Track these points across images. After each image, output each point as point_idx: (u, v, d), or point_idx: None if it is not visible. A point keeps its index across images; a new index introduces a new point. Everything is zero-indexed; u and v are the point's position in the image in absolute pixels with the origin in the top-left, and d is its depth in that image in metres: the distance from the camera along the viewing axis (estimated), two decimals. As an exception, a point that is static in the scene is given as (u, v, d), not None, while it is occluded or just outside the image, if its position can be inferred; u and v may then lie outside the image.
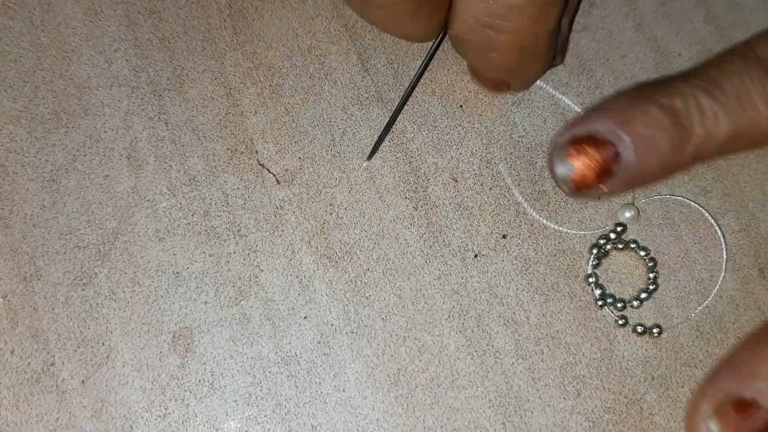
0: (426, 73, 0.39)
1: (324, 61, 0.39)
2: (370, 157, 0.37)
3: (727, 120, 0.32)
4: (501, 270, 0.37)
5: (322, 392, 0.34)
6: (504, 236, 0.37)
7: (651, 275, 0.36)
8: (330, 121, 0.38)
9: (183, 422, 0.34)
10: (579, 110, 0.38)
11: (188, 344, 0.35)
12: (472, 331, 0.36)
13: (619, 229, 0.37)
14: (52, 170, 0.36)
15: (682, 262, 0.37)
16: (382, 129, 0.37)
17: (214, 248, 0.36)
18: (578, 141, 0.32)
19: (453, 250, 0.37)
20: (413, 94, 0.38)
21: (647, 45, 0.40)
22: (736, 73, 0.32)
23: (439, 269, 0.36)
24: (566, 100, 0.39)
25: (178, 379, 0.34)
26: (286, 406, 0.34)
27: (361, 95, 0.38)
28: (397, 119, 0.38)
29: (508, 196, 0.38)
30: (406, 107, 0.38)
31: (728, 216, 0.38)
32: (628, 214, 0.37)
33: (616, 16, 0.40)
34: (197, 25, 0.39)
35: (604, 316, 0.36)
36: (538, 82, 0.39)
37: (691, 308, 0.36)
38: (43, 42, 0.38)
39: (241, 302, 0.35)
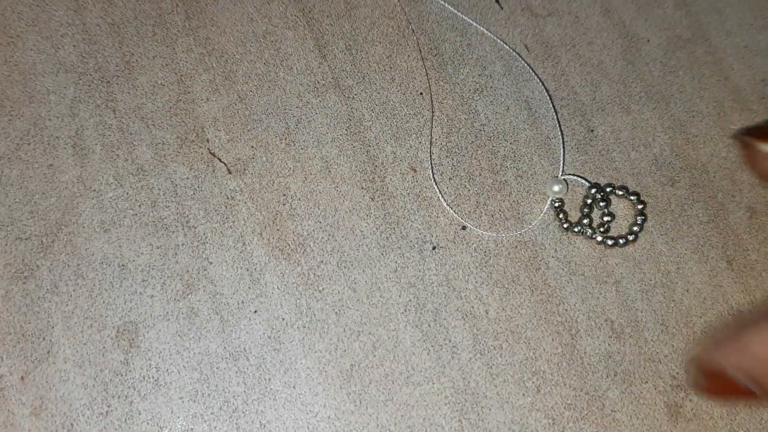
0: (385, 59, 0.37)
1: (279, 47, 0.38)
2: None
3: None
4: (460, 262, 0.35)
5: (271, 389, 0.33)
6: (463, 228, 0.36)
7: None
8: (285, 109, 0.37)
9: (126, 420, 0.33)
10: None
11: (133, 339, 0.33)
12: (429, 326, 0.34)
13: (557, 204, 0.36)
14: (-6, 159, 0.35)
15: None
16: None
17: (161, 240, 0.35)
18: (712, 379, 0.30)
19: (410, 241, 0.35)
20: (372, 80, 0.37)
21: (615, 31, 0.39)
22: None
23: (396, 261, 0.35)
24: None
25: (122, 376, 0.33)
26: (234, 404, 0.33)
27: (318, 82, 0.37)
28: (354, 107, 0.37)
29: (468, 186, 0.36)
30: (363, 94, 0.37)
31: (696, 207, 0.37)
32: (556, 188, 0.36)
33: (583, 0, 0.38)
34: (148, 10, 0.38)
35: (566, 310, 0.34)
36: (499, 68, 0.37)
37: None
38: (-13, 27, 0.37)
39: (189, 296, 0.34)
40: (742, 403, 0.33)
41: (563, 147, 0.37)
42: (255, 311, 0.34)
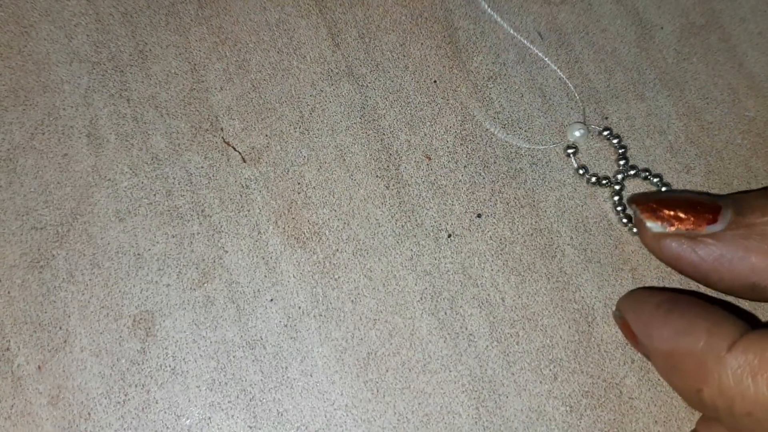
0: (398, 47, 0.37)
1: (293, 36, 0.37)
2: None
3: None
4: (475, 250, 0.35)
5: (288, 377, 0.33)
6: (479, 215, 0.35)
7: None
8: (299, 98, 0.37)
9: (143, 409, 0.32)
10: (562, 76, 0.36)
11: (149, 328, 0.33)
12: (445, 314, 0.34)
13: (570, 151, 0.36)
14: (8, 149, 0.35)
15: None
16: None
17: (176, 229, 0.34)
18: (623, 320, 0.32)
19: (426, 230, 0.35)
20: (386, 69, 0.37)
21: (628, 18, 0.38)
22: None
23: (411, 250, 0.35)
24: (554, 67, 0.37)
25: (139, 365, 0.33)
26: (251, 392, 0.33)
27: (331, 70, 0.37)
28: (368, 95, 0.36)
29: (483, 174, 0.36)
30: (377, 82, 0.36)
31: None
32: (577, 133, 0.36)
33: None
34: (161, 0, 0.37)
35: (582, 297, 0.34)
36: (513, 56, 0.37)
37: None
38: (0, 17, 0.36)
39: (205, 284, 0.34)
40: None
41: (583, 108, 0.36)
42: (271, 300, 0.34)
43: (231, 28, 0.37)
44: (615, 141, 0.36)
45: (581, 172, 0.35)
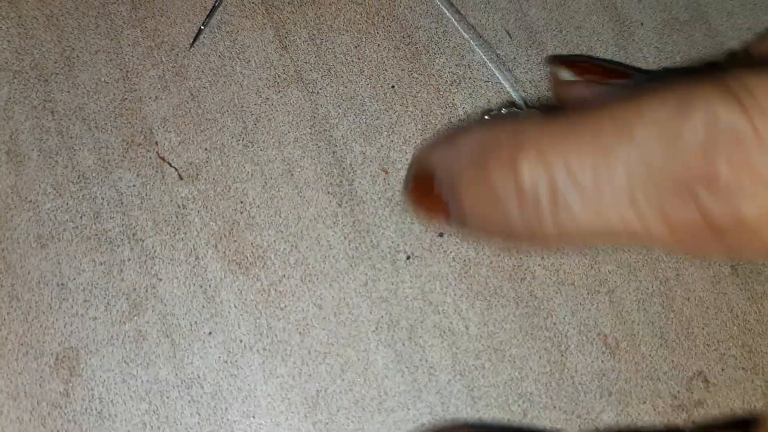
0: (353, 49, 0.34)
1: (236, 38, 0.35)
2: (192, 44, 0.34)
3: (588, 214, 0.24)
4: (437, 273, 0.33)
5: (228, 419, 0.31)
6: (440, 234, 0.33)
7: None
8: (242, 107, 0.34)
9: (66, 458, 0.29)
10: (516, 96, 0.34)
11: (73, 367, 0.31)
12: (403, 345, 0.32)
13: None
14: None
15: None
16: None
17: (105, 255, 0.32)
18: (417, 182, 0.29)
19: (382, 251, 0.33)
20: (338, 73, 0.34)
21: (605, 13, 0.36)
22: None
23: (366, 274, 0.33)
24: (505, 82, 0.34)
25: (61, 408, 0.30)
26: (186, 437, 0.30)
27: (278, 76, 0.34)
28: (319, 103, 0.34)
29: None
30: (329, 88, 0.34)
31: None
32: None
33: None
34: (90, 0, 0.34)
35: (554, 323, 0.32)
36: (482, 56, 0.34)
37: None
38: None
39: (136, 317, 0.31)
40: (435, 222, 0.31)
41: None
42: (210, 333, 0.32)
43: (167, 31, 0.35)
44: None
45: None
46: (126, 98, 0.34)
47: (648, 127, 0.23)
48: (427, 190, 0.28)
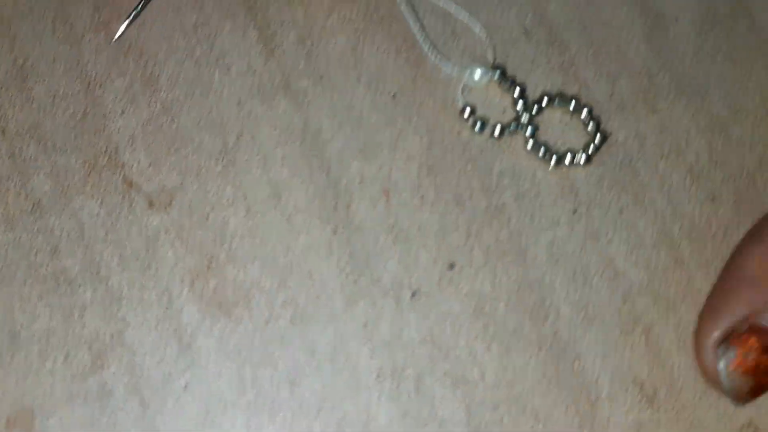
0: (348, 53, 0.32)
1: (214, 42, 0.32)
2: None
3: None
4: (447, 312, 0.30)
5: (207, 489, 0.28)
6: (451, 266, 0.31)
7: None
8: (222, 121, 0.31)
9: None
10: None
11: (28, 430, 0.29)
12: (409, 397, 0.29)
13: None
14: None
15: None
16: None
17: (64, 298, 0.30)
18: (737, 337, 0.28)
19: (384, 287, 0.30)
20: (332, 81, 0.32)
21: (635, 7, 0.33)
22: None
23: (366, 314, 0.30)
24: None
25: (13, 480, 0.28)
26: None
27: (264, 84, 0.32)
28: (310, 115, 0.32)
29: (456, 212, 0.31)
30: (321, 99, 0.32)
31: (743, 229, 0.31)
32: (478, 73, 0.31)
33: None
34: (47, 1, 0.32)
35: (583, 369, 0.30)
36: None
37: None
38: None
39: (100, 370, 0.29)
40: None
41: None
42: (185, 387, 0.29)
43: (136, 35, 0.32)
44: (508, 82, 0.31)
45: (478, 126, 0.31)
46: (88, 113, 0.31)
47: None
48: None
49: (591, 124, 0.31)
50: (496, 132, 0.31)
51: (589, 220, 0.31)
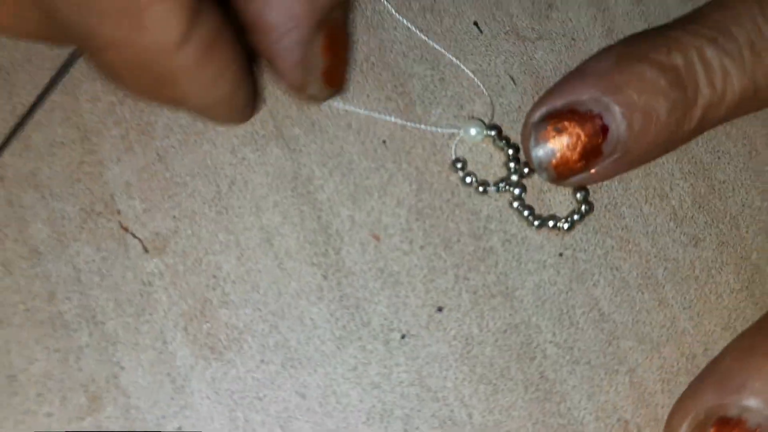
0: (339, 99, 0.31)
1: None
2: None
3: (740, 75, 0.28)
4: (435, 354, 0.30)
5: None
6: (439, 309, 0.30)
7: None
8: (215, 168, 0.31)
9: None
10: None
11: None
12: None
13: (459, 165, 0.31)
14: None
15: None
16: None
17: (60, 342, 0.29)
18: (556, 116, 0.28)
19: (374, 330, 0.30)
20: (323, 127, 0.31)
21: None
22: (748, 14, 0.28)
23: (356, 357, 0.30)
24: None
25: None
26: None
27: (256, 132, 0.31)
28: (301, 162, 0.31)
29: (444, 256, 0.31)
30: (312, 145, 0.31)
31: (726, 271, 0.31)
32: (473, 131, 0.31)
33: (581, 19, 0.33)
34: (44, 50, 0.31)
35: (569, 409, 0.29)
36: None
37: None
38: None
39: (95, 412, 0.28)
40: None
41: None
42: (179, 428, 0.29)
43: None
44: (503, 142, 0.31)
45: (468, 180, 0.31)
46: (84, 161, 0.31)
47: None
48: (568, 126, 0.28)
49: (579, 194, 0.31)
50: (489, 189, 0.31)
51: (575, 262, 0.31)
